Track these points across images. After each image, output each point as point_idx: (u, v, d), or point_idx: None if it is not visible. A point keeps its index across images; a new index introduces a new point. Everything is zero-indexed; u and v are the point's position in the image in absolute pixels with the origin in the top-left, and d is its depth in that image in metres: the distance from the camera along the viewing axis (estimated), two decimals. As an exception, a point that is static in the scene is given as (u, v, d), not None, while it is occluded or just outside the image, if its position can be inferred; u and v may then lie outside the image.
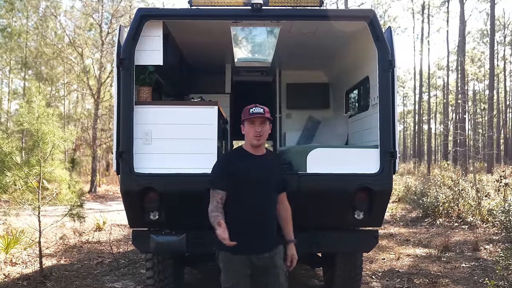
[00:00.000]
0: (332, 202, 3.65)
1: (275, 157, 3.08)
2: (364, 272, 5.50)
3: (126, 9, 18.01)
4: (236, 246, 2.48)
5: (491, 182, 12.24)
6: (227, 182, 2.73)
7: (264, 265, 2.75)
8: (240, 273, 2.71)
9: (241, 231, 2.66)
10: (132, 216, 3.72)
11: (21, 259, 6.14)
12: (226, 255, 2.71)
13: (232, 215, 2.72)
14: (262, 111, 2.76)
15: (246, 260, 2.71)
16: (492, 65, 23.16)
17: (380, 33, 3.65)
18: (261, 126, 2.76)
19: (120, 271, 5.72)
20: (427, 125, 36.76)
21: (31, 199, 5.31)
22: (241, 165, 2.79)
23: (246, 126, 2.79)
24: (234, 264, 2.71)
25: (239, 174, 2.75)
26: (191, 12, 3.78)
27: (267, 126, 2.79)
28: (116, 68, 3.58)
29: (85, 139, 20.12)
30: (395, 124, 3.66)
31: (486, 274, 5.52)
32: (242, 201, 2.75)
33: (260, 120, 2.76)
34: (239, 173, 2.75)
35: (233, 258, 2.70)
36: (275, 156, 3.12)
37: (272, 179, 2.84)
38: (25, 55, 23.76)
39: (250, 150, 2.83)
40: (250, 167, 2.78)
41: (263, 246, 2.76)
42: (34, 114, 5.20)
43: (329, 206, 3.70)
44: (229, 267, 2.73)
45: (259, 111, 2.76)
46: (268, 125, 2.80)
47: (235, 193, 2.74)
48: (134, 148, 3.56)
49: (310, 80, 6.21)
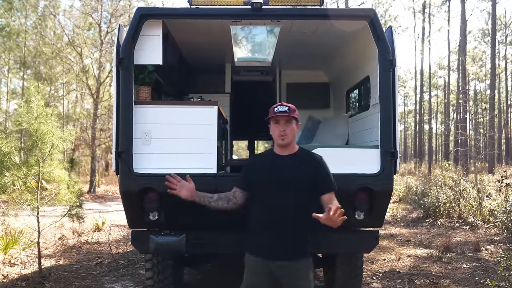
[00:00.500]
0: (333, 202, 3.65)
1: (309, 156, 2.80)
2: (365, 273, 5.50)
3: (125, 8, 18.03)
4: (253, 247, 2.54)
5: (492, 182, 12.25)
6: (245, 182, 2.83)
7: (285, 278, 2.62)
8: (255, 275, 2.68)
9: (258, 232, 2.67)
10: (131, 216, 3.72)
11: (20, 259, 6.14)
12: (246, 255, 2.74)
13: (252, 216, 2.73)
14: (287, 109, 2.71)
15: (263, 264, 2.65)
16: (493, 65, 23.17)
17: (381, 33, 3.65)
18: (285, 126, 2.71)
19: (120, 271, 5.72)
20: (428, 125, 36.77)
21: (30, 200, 5.31)
22: (262, 165, 2.81)
23: (271, 126, 2.76)
24: (251, 265, 2.71)
25: (257, 175, 2.77)
26: (190, 11, 3.78)
27: (292, 125, 2.73)
28: (115, 67, 3.58)
29: (84, 139, 20.12)
30: (395, 124, 3.66)
31: (488, 275, 5.52)
32: (261, 202, 2.72)
33: (285, 119, 2.71)
34: (257, 174, 2.78)
35: (251, 259, 2.71)
36: (310, 155, 2.81)
37: (301, 180, 2.69)
38: (23, 54, 23.77)
39: (277, 150, 2.81)
40: (272, 168, 2.75)
41: (281, 252, 2.62)
42: (32, 114, 5.20)
43: (330, 207, 3.70)
44: (247, 268, 2.74)
45: (283, 109, 2.71)
46: (294, 124, 2.74)
47: (255, 193, 2.76)
48: (134, 148, 3.56)
49: (310, 79, 6.21)
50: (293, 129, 2.73)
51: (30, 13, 23.51)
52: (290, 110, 2.72)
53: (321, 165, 2.77)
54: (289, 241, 2.64)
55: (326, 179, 2.73)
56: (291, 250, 2.64)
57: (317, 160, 2.78)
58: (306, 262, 2.63)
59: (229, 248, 3.83)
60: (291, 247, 2.63)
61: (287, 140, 2.72)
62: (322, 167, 2.76)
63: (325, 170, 2.76)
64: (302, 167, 2.72)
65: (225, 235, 3.81)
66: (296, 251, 2.65)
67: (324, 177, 2.73)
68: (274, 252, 2.63)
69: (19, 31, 23.57)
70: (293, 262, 2.62)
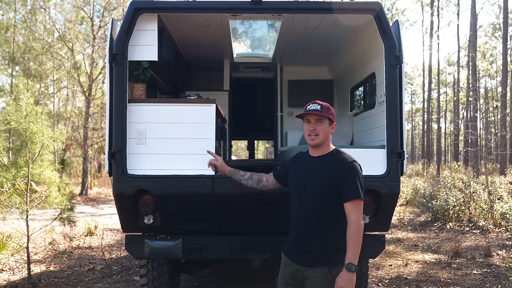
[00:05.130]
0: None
1: (340, 159, 2.70)
2: (370, 279, 5.50)
3: (119, 2, 18.03)
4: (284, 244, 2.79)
5: (504, 184, 12.27)
6: (281, 176, 3.00)
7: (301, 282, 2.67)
8: (282, 273, 2.79)
9: (290, 232, 2.81)
10: (125, 220, 3.73)
11: (8, 265, 6.14)
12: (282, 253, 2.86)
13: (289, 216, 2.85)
14: (319, 108, 2.69)
15: (290, 264, 2.74)
16: (505, 61, 23.15)
17: (387, 27, 3.65)
18: (316, 125, 2.70)
19: (113, 278, 5.72)
20: (437, 124, 36.74)
21: (19, 202, 5.31)
22: (294, 166, 2.87)
23: (304, 124, 2.78)
24: (281, 263, 2.83)
25: (289, 175, 2.88)
26: (187, 5, 3.79)
27: (324, 125, 2.71)
28: (109, 64, 3.58)
29: (76, 139, 20.12)
30: (402, 123, 3.66)
31: (499, 281, 5.52)
32: (292, 204, 2.81)
33: (315, 118, 2.70)
34: (289, 174, 2.88)
35: (283, 257, 2.82)
36: (341, 157, 2.70)
37: (324, 183, 2.64)
38: (12, 50, 23.74)
39: (310, 151, 2.82)
40: (301, 169, 2.79)
41: (298, 256, 2.69)
42: (21, 113, 5.20)
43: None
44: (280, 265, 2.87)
45: (315, 108, 2.70)
46: (327, 124, 2.72)
47: (289, 190, 2.87)
48: (128, 148, 3.56)
49: (313, 76, 6.22)
50: (324, 129, 2.71)
51: (19, 6, 23.53)
52: (323, 109, 2.69)
53: (347, 168, 2.64)
54: (308, 247, 2.67)
55: (347, 185, 2.60)
56: (307, 257, 2.66)
57: (345, 162, 2.67)
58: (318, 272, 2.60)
59: (227, 253, 3.84)
60: (308, 254, 2.66)
61: (317, 141, 2.71)
62: (347, 172, 2.63)
63: (349, 175, 2.63)
64: (330, 170, 2.66)
65: (222, 240, 3.82)
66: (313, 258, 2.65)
67: (345, 182, 2.61)
68: (293, 255, 2.74)
69: (8, 25, 23.56)
70: (306, 269, 2.65)
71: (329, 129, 2.73)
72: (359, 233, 2.55)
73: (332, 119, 2.74)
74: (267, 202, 3.51)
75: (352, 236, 2.53)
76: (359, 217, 2.57)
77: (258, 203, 3.56)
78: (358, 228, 2.54)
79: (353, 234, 2.53)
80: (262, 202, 3.53)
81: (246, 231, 3.81)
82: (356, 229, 2.54)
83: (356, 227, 2.54)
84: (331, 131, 2.75)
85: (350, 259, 2.51)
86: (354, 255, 2.52)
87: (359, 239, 2.54)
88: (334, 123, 2.77)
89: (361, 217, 2.58)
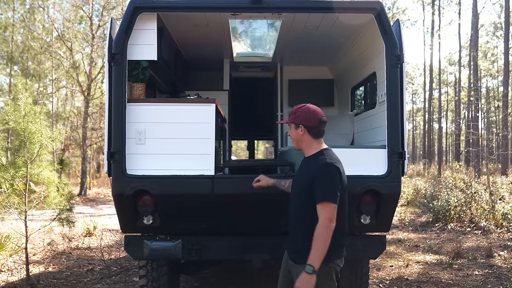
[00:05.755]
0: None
1: (317, 161, 2.73)
2: (371, 280, 5.50)
3: (118, 1, 18.03)
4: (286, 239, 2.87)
5: (505, 185, 12.27)
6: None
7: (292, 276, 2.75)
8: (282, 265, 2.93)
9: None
10: (124, 220, 3.73)
11: (7, 266, 6.14)
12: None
13: None
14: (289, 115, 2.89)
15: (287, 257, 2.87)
16: (506, 60, 23.14)
17: (388, 26, 3.65)
18: (290, 131, 2.88)
19: (112, 279, 5.72)
20: (438, 124, 36.74)
21: (17, 203, 5.31)
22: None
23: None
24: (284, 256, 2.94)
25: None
26: (187, 4, 3.79)
27: (292, 130, 2.85)
28: (108, 63, 3.59)
29: (75, 138, 20.12)
30: (403, 123, 3.67)
31: (500, 282, 5.52)
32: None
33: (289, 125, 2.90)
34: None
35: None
36: (317, 159, 2.74)
37: (302, 186, 2.73)
38: (11, 49, 23.76)
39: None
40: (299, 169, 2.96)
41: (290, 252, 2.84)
42: (20, 112, 5.20)
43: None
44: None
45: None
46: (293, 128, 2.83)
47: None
48: (127, 148, 3.56)
49: (313, 76, 6.22)
50: (293, 133, 2.84)
51: (17, 5, 23.53)
52: (289, 115, 2.87)
53: (318, 171, 2.67)
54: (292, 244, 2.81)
55: (317, 187, 2.63)
56: (292, 254, 2.78)
57: (318, 165, 2.70)
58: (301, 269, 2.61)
59: (227, 253, 3.84)
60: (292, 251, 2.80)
61: (293, 146, 2.90)
62: (319, 174, 2.66)
63: (320, 176, 2.65)
64: (308, 171, 2.74)
65: (222, 240, 3.82)
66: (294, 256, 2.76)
67: (317, 184, 2.64)
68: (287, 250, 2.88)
69: (6, 24, 23.57)
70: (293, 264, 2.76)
71: (297, 132, 2.80)
72: (324, 235, 2.55)
73: (297, 122, 2.79)
74: (267, 202, 3.52)
75: (316, 237, 2.55)
76: (327, 219, 2.56)
77: (258, 204, 3.56)
78: (322, 231, 2.55)
79: (317, 236, 2.55)
80: (262, 202, 3.53)
81: (246, 231, 3.81)
82: (320, 232, 2.55)
83: (320, 230, 2.55)
84: (300, 134, 2.79)
85: (310, 261, 2.53)
86: (315, 257, 2.53)
87: (323, 241, 2.54)
88: (301, 125, 2.78)
89: (329, 220, 2.56)
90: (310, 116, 2.78)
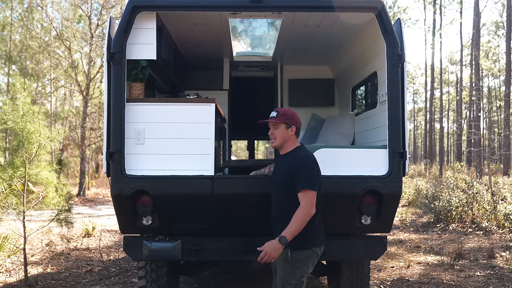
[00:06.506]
0: (338, 206, 3.65)
1: (294, 155, 3.16)
2: (372, 281, 5.50)
3: (117, 0, 18.02)
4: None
5: (507, 185, 12.25)
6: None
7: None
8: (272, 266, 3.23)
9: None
10: (123, 221, 3.72)
11: (5, 267, 6.14)
12: None
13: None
14: (275, 115, 3.17)
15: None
16: (508, 60, 23.13)
17: (389, 25, 3.65)
18: (274, 130, 3.20)
19: (111, 280, 5.72)
20: (439, 124, 36.77)
21: (16, 203, 5.31)
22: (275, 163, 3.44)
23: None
24: None
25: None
26: (186, 3, 3.78)
27: (280, 129, 3.16)
28: (107, 62, 3.58)
29: (73, 138, 20.12)
30: (404, 123, 3.67)
31: (502, 283, 5.52)
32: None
33: (272, 124, 3.20)
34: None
35: None
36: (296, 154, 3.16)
37: (283, 177, 3.11)
38: (9, 49, 23.77)
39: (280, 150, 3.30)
40: (275, 166, 3.37)
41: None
42: (18, 112, 5.20)
43: (334, 211, 3.70)
44: None
45: (272, 115, 3.19)
46: (283, 128, 3.15)
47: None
48: (126, 149, 3.56)
49: (314, 75, 6.22)
50: (281, 132, 3.16)
51: (16, 4, 23.54)
52: (278, 116, 3.16)
53: (298, 163, 3.06)
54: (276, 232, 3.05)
55: (298, 177, 3.00)
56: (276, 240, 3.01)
57: (298, 158, 3.10)
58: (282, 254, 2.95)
59: (227, 254, 3.84)
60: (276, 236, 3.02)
61: (275, 143, 3.21)
62: (298, 165, 3.05)
63: (299, 168, 3.03)
64: (288, 165, 3.10)
65: (222, 241, 3.82)
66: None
67: (297, 175, 3.01)
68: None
69: (4, 23, 23.58)
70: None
71: (286, 132, 3.16)
72: (304, 217, 2.93)
73: (289, 122, 3.15)
74: (267, 203, 3.51)
75: (295, 217, 2.92)
76: (307, 205, 2.95)
77: (258, 204, 3.56)
78: (302, 213, 2.93)
79: (296, 216, 2.92)
80: (262, 202, 3.53)
81: (246, 232, 3.81)
82: (300, 214, 2.93)
83: (300, 212, 2.93)
84: (290, 133, 3.16)
85: (285, 233, 2.91)
86: (290, 232, 2.90)
87: (301, 221, 2.92)
88: (292, 126, 3.16)
89: (310, 205, 2.95)
90: (298, 119, 3.22)
